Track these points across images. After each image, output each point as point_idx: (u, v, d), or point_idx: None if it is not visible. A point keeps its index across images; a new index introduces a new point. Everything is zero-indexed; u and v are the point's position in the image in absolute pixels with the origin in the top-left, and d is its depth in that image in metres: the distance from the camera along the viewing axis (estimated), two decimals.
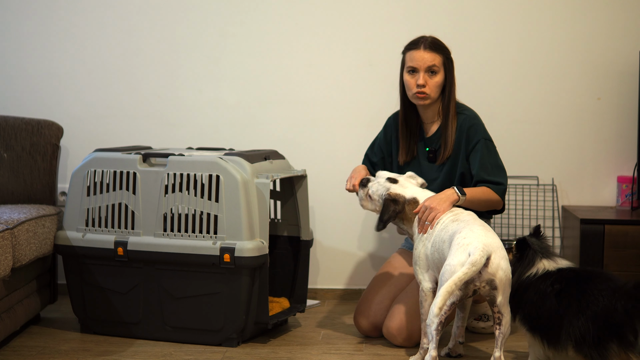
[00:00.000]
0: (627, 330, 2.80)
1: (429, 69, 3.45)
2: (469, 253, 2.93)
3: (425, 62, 3.45)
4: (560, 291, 2.94)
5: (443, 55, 3.48)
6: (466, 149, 3.46)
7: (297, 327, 3.79)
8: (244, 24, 4.27)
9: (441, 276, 3.00)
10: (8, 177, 3.89)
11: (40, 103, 4.32)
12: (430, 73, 3.46)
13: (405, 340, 3.45)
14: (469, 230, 3.03)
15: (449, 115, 3.49)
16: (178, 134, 4.30)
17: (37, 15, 4.31)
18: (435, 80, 3.46)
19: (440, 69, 3.47)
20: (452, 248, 3.00)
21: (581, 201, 4.24)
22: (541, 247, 3.10)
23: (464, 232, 3.03)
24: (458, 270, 2.90)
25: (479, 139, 3.44)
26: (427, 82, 3.45)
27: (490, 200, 3.40)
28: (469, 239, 2.98)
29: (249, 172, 3.41)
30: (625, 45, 4.16)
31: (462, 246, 2.97)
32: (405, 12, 4.22)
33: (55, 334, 3.63)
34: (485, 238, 2.98)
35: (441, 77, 3.48)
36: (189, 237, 3.43)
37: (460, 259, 2.94)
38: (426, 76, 3.45)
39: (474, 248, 2.93)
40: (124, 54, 4.32)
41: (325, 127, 4.29)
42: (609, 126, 4.21)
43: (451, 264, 2.96)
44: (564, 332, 2.89)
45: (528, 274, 3.04)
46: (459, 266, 2.92)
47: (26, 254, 3.38)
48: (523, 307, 3.03)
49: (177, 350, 3.41)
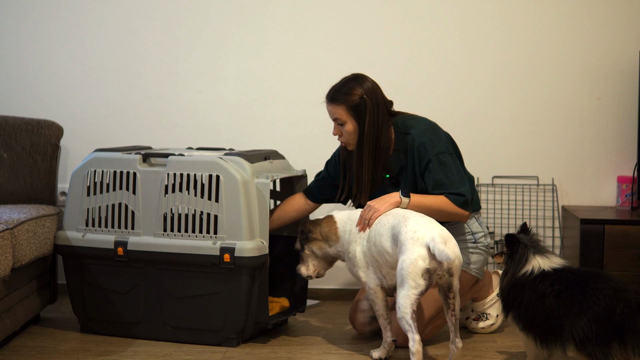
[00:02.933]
0: (628, 331, 2.80)
1: (336, 120, 3.48)
2: (427, 246, 3.05)
3: (331, 115, 3.50)
4: (561, 292, 2.94)
5: (345, 104, 3.44)
6: (420, 168, 3.42)
7: (297, 327, 3.79)
8: (244, 24, 4.27)
9: (401, 270, 3.08)
10: (8, 177, 3.89)
11: (40, 103, 4.32)
12: (339, 124, 3.48)
13: (403, 340, 3.45)
14: (417, 224, 3.13)
15: (400, 139, 3.45)
16: (178, 134, 4.30)
17: (37, 15, 4.31)
18: (346, 129, 3.46)
19: (347, 117, 3.45)
20: (406, 244, 3.08)
21: (581, 201, 4.24)
22: (532, 242, 3.11)
23: (412, 225, 3.12)
24: (420, 264, 3.04)
25: (429, 158, 3.38)
26: (342, 132, 3.48)
27: (446, 211, 3.35)
28: (420, 232, 3.09)
29: (249, 172, 3.41)
30: (625, 45, 4.16)
31: (417, 240, 3.07)
32: (405, 12, 4.22)
33: (55, 334, 3.63)
34: (437, 229, 3.11)
35: (352, 125, 3.45)
36: (189, 237, 3.43)
37: (420, 252, 3.05)
38: (339, 127, 3.48)
39: (432, 240, 3.05)
40: (124, 53, 4.32)
41: (325, 127, 4.27)
42: (609, 126, 4.21)
43: (411, 258, 3.05)
44: (566, 333, 2.89)
45: (524, 272, 3.05)
46: (421, 260, 3.05)
47: (26, 254, 3.38)
48: (518, 305, 3.04)
49: (177, 350, 3.41)
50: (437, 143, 3.41)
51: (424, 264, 3.05)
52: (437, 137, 3.43)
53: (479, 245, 3.53)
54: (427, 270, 3.06)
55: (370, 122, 3.44)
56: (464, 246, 3.50)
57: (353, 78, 3.49)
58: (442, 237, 3.08)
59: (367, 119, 3.43)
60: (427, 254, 3.06)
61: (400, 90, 4.20)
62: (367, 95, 3.44)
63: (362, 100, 3.43)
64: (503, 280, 3.13)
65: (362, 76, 3.50)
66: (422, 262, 3.05)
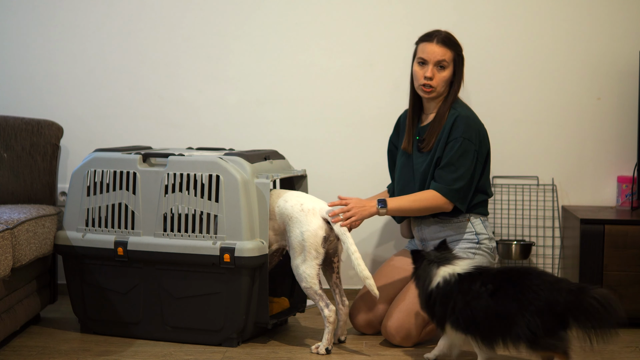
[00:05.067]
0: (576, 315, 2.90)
1: (438, 63, 3.49)
2: (321, 216, 3.34)
3: (436, 55, 3.49)
4: (495, 291, 3.00)
5: (454, 51, 3.52)
6: (446, 139, 3.47)
7: (297, 327, 3.79)
8: (244, 24, 4.27)
9: (302, 242, 3.33)
10: (8, 177, 3.89)
11: (40, 103, 4.32)
12: (439, 67, 3.50)
13: (403, 339, 3.45)
14: (298, 197, 3.40)
15: (446, 109, 3.51)
16: (178, 134, 4.30)
17: (38, 16, 4.31)
18: (442, 74, 3.50)
19: (450, 64, 3.51)
20: (298, 216, 3.33)
21: (581, 201, 4.24)
22: (438, 257, 3.17)
23: (294, 200, 3.38)
24: (320, 233, 3.32)
25: (458, 136, 3.45)
26: (435, 76, 3.49)
27: (429, 207, 3.47)
28: (307, 204, 3.36)
29: (249, 172, 3.41)
30: (625, 45, 4.16)
31: (309, 212, 3.34)
32: (405, 12, 4.22)
33: (55, 334, 3.63)
34: (318, 201, 3.40)
35: (449, 73, 3.52)
36: (189, 237, 3.43)
37: (318, 222, 3.33)
38: (435, 69, 3.50)
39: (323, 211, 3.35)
40: (124, 54, 4.32)
41: (325, 127, 4.29)
42: (609, 126, 4.21)
43: (310, 229, 3.32)
44: (513, 334, 2.95)
45: (434, 285, 3.12)
46: (320, 230, 3.32)
47: (26, 254, 3.38)
48: (452, 312, 3.07)
49: (177, 350, 3.41)
50: (472, 131, 3.48)
51: (322, 232, 3.32)
52: (474, 127, 3.49)
53: (482, 247, 3.52)
54: (324, 239, 3.33)
55: (459, 78, 3.55)
56: (466, 246, 3.50)
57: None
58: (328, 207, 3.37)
59: (460, 74, 3.55)
60: (323, 223, 3.33)
61: (400, 90, 4.20)
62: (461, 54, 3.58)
63: (462, 56, 3.56)
64: (420, 300, 3.19)
65: None
66: (321, 231, 3.32)
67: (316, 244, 3.32)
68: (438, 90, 3.51)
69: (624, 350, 3.47)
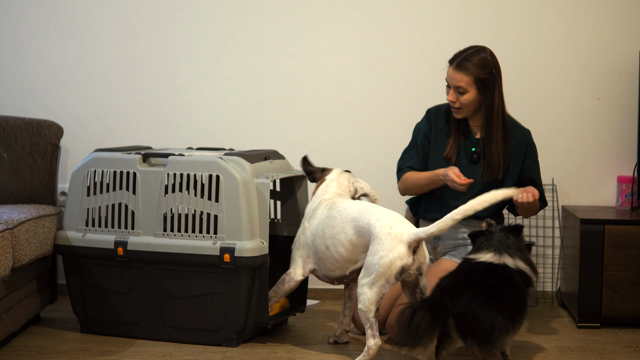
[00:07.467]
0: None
1: (456, 89, 3.48)
2: (407, 244, 3.09)
3: (453, 81, 3.48)
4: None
5: (472, 75, 3.45)
6: (523, 162, 3.54)
7: (297, 327, 3.79)
8: (244, 24, 4.27)
9: (375, 265, 3.09)
10: (8, 177, 3.89)
11: (40, 103, 4.32)
12: (458, 92, 3.48)
13: None
14: (390, 219, 3.15)
15: (492, 128, 3.48)
16: (178, 134, 4.30)
17: (37, 15, 4.31)
18: (464, 98, 3.47)
19: (469, 88, 3.46)
20: (383, 239, 3.10)
21: (581, 201, 4.24)
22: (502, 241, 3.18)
23: (385, 220, 3.14)
24: (398, 263, 3.07)
25: (536, 160, 3.57)
26: (458, 99, 3.48)
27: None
28: (397, 228, 3.11)
29: (249, 172, 3.41)
30: (625, 45, 4.16)
31: (396, 237, 3.09)
32: (405, 12, 4.22)
33: (55, 334, 3.63)
34: (411, 226, 3.15)
35: (471, 96, 3.47)
36: (189, 237, 3.43)
37: (400, 250, 3.08)
38: (455, 93, 3.48)
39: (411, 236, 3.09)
40: (124, 54, 4.32)
41: (325, 127, 4.29)
42: (609, 126, 4.21)
43: (390, 256, 3.08)
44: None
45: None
46: (399, 259, 3.08)
47: (26, 254, 3.38)
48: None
49: (177, 350, 3.41)
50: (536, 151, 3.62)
51: (401, 262, 3.09)
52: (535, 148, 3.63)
53: None
54: (401, 269, 3.10)
55: (491, 97, 3.47)
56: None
57: (482, 49, 3.51)
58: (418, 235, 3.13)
59: (491, 93, 3.47)
60: (406, 252, 3.10)
61: (400, 90, 4.20)
62: (496, 70, 3.50)
63: (492, 75, 3.48)
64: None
65: (489, 50, 3.53)
66: (399, 261, 3.09)
67: (390, 272, 3.09)
68: (466, 111, 3.51)
69: (624, 350, 3.47)
